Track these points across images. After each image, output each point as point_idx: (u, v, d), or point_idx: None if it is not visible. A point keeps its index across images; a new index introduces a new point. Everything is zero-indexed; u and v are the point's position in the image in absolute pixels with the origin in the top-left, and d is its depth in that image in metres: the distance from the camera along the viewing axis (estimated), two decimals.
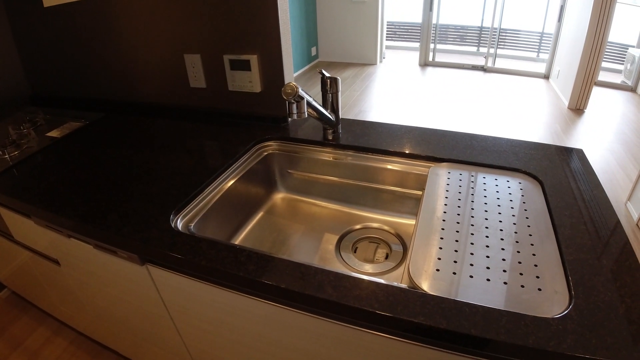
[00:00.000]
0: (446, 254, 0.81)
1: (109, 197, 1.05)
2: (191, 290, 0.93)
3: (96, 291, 1.24)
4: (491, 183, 1.01)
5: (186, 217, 0.99)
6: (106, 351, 1.71)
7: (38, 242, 1.26)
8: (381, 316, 0.68)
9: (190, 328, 1.08)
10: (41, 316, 1.90)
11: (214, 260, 0.81)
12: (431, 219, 0.91)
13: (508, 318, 0.66)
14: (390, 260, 1.06)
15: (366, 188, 1.20)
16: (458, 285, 0.74)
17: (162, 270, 0.94)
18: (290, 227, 1.20)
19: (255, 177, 1.22)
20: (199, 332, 1.07)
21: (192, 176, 1.10)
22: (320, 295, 0.71)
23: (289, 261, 0.79)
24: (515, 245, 0.82)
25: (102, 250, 1.03)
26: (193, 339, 1.12)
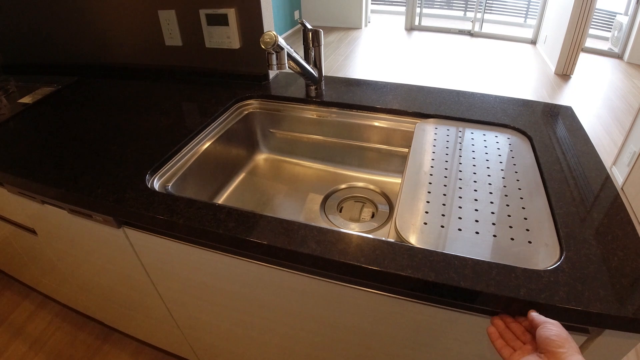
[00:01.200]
0: (434, 207, 0.78)
1: (82, 160, 1.00)
2: (170, 252, 0.90)
3: (76, 261, 1.20)
4: (479, 138, 0.98)
5: (163, 178, 0.94)
6: (91, 322, 1.69)
7: (13, 212, 1.22)
8: (367, 270, 0.65)
9: (173, 292, 1.05)
10: (24, 290, 1.87)
11: (192, 218, 0.77)
12: (418, 173, 0.87)
13: (498, 270, 0.64)
14: (376, 219, 1.04)
15: (351, 146, 1.16)
16: (446, 238, 0.72)
17: (140, 232, 0.90)
18: (274, 187, 1.16)
19: (235, 137, 1.17)
20: (181, 296, 1.04)
21: (169, 136, 1.04)
22: (304, 251, 0.68)
23: (271, 217, 0.76)
24: (504, 199, 0.80)
25: (77, 215, 0.98)
26: (176, 304, 1.09)
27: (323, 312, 0.83)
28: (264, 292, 0.86)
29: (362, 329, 0.82)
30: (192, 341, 1.25)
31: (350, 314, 0.80)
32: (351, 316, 0.80)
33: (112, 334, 1.63)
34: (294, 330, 0.94)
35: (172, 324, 1.20)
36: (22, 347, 1.62)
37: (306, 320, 0.88)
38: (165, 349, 1.45)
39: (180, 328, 1.20)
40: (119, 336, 1.62)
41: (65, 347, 1.61)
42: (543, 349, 0.52)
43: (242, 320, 1.00)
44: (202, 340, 1.21)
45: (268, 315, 0.93)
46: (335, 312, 0.81)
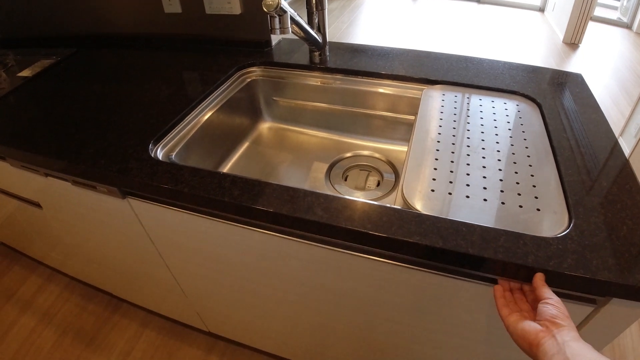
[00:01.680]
0: (441, 174, 0.77)
1: (84, 131, 0.98)
2: (176, 222, 0.90)
3: (82, 233, 1.20)
4: (487, 105, 0.96)
5: (166, 147, 0.93)
6: (100, 293, 1.70)
7: (17, 186, 1.21)
8: (374, 237, 0.65)
9: (179, 262, 1.05)
10: (32, 264, 1.88)
11: (196, 187, 0.76)
12: (425, 139, 0.86)
13: (506, 237, 0.63)
14: (381, 187, 1.03)
15: (356, 114, 1.14)
16: (454, 205, 0.71)
17: (144, 203, 0.90)
18: (278, 156, 1.15)
19: (238, 105, 1.15)
20: (188, 265, 1.05)
21: (171, 105, 1.02)
22: (310, 218, 0.67)
23: (276, 185, 0.75)
24: (512, 166, 0.79)
25: (80, 187, 0.97)
26: (183, 274, 1.10)
27: (328, 281, 0.83)
28: (269, 261, 0.86)
29: (367, 296, 0.83)
30: (199, 310, 1.27)
31: (356, 281, 0.80)
32: (356, 284, 0.80)
33: (121, 304, 1.65)
34: (300, 298, 0.94)
35: (179, 294, 1.21)
36: (31, 320, 1.64)
37: (311, 288, 0.88)
38: (173, 317, 1.47)
39: (188, 297, 1.21)
40: (128, 306, 1.64)
41: (75, 318, 1.63)
42: (542, 317, 0.53)
43: (249, 289, 1.00)
44: (210, 308, 1.22)
45: (274, 283, 0.93)
46: (340, 280, 0.81)
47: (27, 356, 1.52)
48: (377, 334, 0.94)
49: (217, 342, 1.47)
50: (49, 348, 1.54)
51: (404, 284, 0.75)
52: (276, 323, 1.10)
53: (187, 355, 1.45)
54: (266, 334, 1.20)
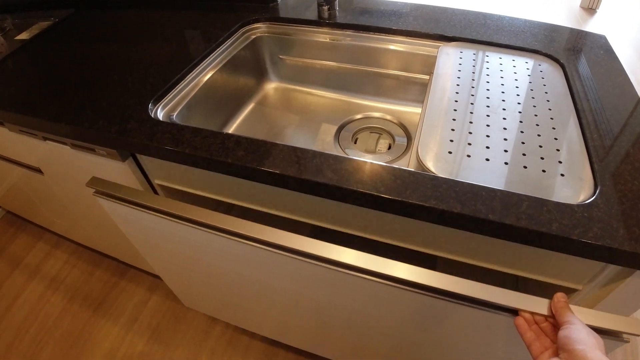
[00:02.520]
0: (459, 135, 0.72)
1: (83, 93, 0.94)
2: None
3: (86, 199, 1.18)
4: (508, 64, 0.90)
5: (167, 107, 0.89)
6: (107, 259, 1.70)
7: (16, 151, 1.18)
8: (388, 200, 0.60)
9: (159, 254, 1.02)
10: (39, 232, 1.88)
11: (198, 147, 0.72)
12: (442, 99, 0.80)
13: (529, 203, 0.59)
14: (392, 151, 0.98)
15: (367, 73, 1.08)
16: (473, 168, 0.66)
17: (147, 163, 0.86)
18: (285, 118, 1.10)
19: (242, 64, 1.10)
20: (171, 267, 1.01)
21: (171, 65, 0.97)
22: (319, 180, 0.63)
23: (283, 145, 0.70)
24: (535, 128, 0.74)
25: (79, 150, 0.94)
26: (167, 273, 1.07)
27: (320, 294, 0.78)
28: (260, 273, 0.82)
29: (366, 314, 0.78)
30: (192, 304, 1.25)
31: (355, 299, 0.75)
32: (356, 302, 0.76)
33: (128, 270, 1.65)
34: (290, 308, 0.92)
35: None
36: (39, 287, 1.65)
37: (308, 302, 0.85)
38: None
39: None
40: (135, 272, 1.64)
41: (82, 284, 1.63)
42: (562, 348, 0.48)
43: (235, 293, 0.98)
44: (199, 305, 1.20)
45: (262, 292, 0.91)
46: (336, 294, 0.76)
47: (36, 322, 1.54)
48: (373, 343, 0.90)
49: None
50: (57, 314, 1.55)
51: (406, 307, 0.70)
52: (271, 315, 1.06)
53: (194, 319, 1.46)
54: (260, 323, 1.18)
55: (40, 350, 1.46)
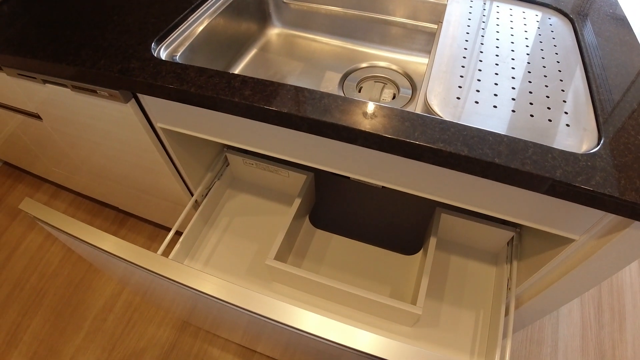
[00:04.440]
0: (468, 82, 0.72)
1: (82, 32, 0.91)
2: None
3: (86, 145, 1.17)
4: (518, 15, 0.89)
5: (170, 48, 0.87)
6: (106, 208, 1.70)
7: (14, 97, 1.15)
8: (396, 141, 0.60)
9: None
10: (37, 182, 1.87)
11: (204, 87, 0.71)
12: (451, 46, 0.79)
13: (535, 149, 0.60)
14: (397, 101, 0.98)
15: (373, 20, 1.05)
16: (480, 114, 0.66)
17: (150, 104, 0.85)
18: (288, 64, 1.08)
19: (246, 7, 1.07)
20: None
21: (172, 4, 0.94)
22: (327, 120, 0.63)
23: (290, 85, 0.69)
24: (542, 79, 0.74)
25: (80, 92, 0.92)
26: None
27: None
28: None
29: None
30: None
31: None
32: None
33: (128, 219, 1.66)
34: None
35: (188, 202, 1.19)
36: (38, 237, 1.66)
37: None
38: (181, 230, 1.46)
39: None
40: (135, 221, 1.65)
41: None
42: None
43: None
44: None
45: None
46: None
47: (37, 271, 1.55)
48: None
49: None
50: (57, 262, 1.56)
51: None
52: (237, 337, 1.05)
53: None
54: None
55: (41, 299, 1.48)
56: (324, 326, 0.54)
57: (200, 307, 0.74)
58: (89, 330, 1.38)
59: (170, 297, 0.79)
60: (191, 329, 1.33)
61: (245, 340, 1.08)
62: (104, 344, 1.34)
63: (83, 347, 1.35)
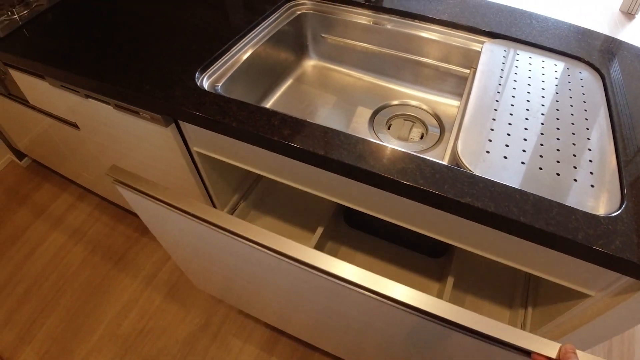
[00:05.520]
0: (498, 136, 0.74)
1: (128, 53, 0.95)
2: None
3: (118, 156, 1.21)
4: (550, 68, 0.91)
5: (212, 77, 0.90)
6: (130, 215, 1.74)
7: (55, 106, 1.20)
8: (426, 193, 0.63)
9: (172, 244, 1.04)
10: (64, 183, 1.91)
11: (245, 122, 0.74)
12: (483, 97, 0.82)
13: (559, 210, 0.61)
14: (425, 140, 1.00)
15: (407, 60, 1.08)
16: (508, 170, 0.68)
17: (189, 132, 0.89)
18: (322, 97, 1.11)
19: (285, 39, 1.11)
20: (183, 254, 1.04)
21: (217, 33, 0.99)
22: (361, 166, 0.65)
23: (327, 128, 0.72)
24: (570, 137, 0.75)
25: (122, 111, 0.96)
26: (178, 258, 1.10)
27: (321, 301, 0.78)
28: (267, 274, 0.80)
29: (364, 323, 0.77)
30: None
31: (353, 311, 0.74)
32: (355, 312, 0.75)
33: None
34: (292, 309, 0.94)
35: None
36: (61, 237, 1.70)
37: (308, 305, 0.85)
38: None
39: None
40: None
41: (104, 237, 1.68)
42: None
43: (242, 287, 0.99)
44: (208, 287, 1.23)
45: (265, 291, 0.92)
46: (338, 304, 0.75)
47: (56, 270, 1.59)
48: (368, 347, 0.90)
49: None
50: (78, 264, 1.60)
51: (411, 329, 0.68)
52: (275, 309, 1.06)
53: None
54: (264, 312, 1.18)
55: (58, 297, 1.51)
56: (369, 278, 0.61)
57: (248, 267, 0.82)
58: (103, 334, 1.41)
59: (221, 256, 0.85)
60: (204, 341, 1.35)
61: (277, 317, 1.12)
62: (117, 349, 1.37)
63: (96, 349, 1.38)
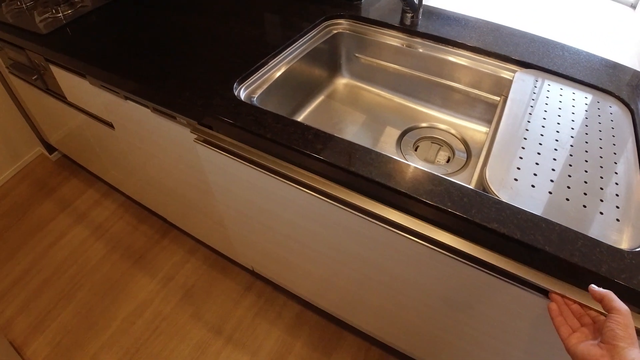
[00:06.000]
0: (526, 165, 0.75)
1: (168, 60, 0.99)
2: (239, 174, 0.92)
3: (149, 157, 1.24)
4: (581, 101, 0.91)
5: (249, 89, 0.94)
6: (153, 216, 1.77)
7: (92, 104, 1.25)
8: (454, 215, 0.64)
9: (233, 203, 1.08)
10: (91, 179, 1.96)
11: (279, 134, 0.77)
12: (513, 126, 0.83)
13: (584, 242, 0.62)
14: (451, 164, 1.01)
15: (437, 84, 1.10)
16: (535, 199, 0.69)
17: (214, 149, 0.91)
18: (351, 115, 1.14)
19: (320, 56, 1.14)
20: (238, 215, 1.08)
21: (256, 46, 1.02)
22: (391, 185, 0.67)
23: (358, 145, 0.74)
24: (598, 170, 0.76)
25: (160, 115, 1.00)
26: (233, 221, 1.13)
27: (372, 256, 0.84)
28: (320, 227, 0.88)
29: (406, 278, 0.83)
30: (241, 255, 1.32)
31: (399, 261, 0.80)
32: (399, 264, 0.81)
33: (171, 230, 1.71)
34: (337, 265, 0.97)
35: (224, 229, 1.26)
36: (84, 232, 1.74)
37: (351, 259, 0.90)
38: (220, 250, 1.52)
39: (230, 233, 1.26)
40: (177, 233, 1.70)
41: (126, 236, 1.71)
42: (604, 339, 0.50)
43: (291, 248, 1.03)
44: (248, 255, 1.27)
45: (316, 247, 0.96)
46: (384, 255, 0.82)
47: (76, 264, 1.62)
48: (406, 313, 0.95)
49: (256, 282, 1.52)
50: (97, 259, 1.63)
51: (449, 274, 0.74)
52: (309, 281, 1.14)
53: (227, 288, 1.51)
54: (300, 286, 1.25)
55: (76, 290, 1.54)
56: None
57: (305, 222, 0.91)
58: (116, 330, 1.43)
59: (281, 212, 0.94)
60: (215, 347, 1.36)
61: (313, 286, 1.16)
62: (128, 346, 1.39)
63: (107, 345, 1.40)
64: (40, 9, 1.35)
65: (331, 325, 1.39)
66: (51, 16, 1.28)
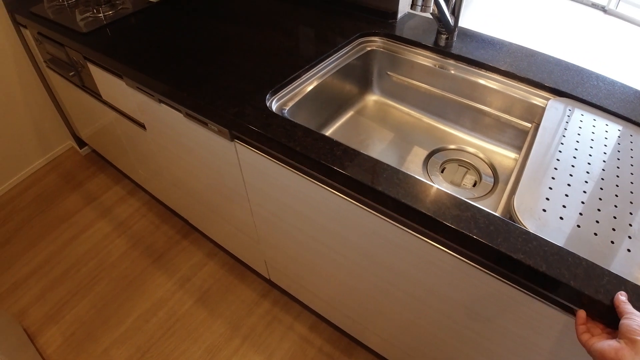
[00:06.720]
0: (556, 196, 0.73)
1: (203, 67, 1.01)
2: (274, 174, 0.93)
3: (177, 159, 1.26)
4: (614, 133, 0.90)
5: (281, 101, 0.95)
6: (175, 217, 1.80)
7: (126, 104, 1.28)
8: (479, 243, 0.63)
9: (263, 211, 1.10)
10: (118, 176, 2.00)
11: (308, 148, 0.78)
12: (544, 154, 0.82)
13: (610, 279, 0.60)
14: (477, 189, 1.00)
15: (468, 107, 1.10)
16: (563, 231, 0.68)
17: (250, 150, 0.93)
18: (379, 132, 1.14)
19: (352, 72, 1.14)
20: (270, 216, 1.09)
21: (290, 59, 1.04)
22: (418, 207, 0.67)
23: (386, 165, 0.75)
24: (629, 206, 0.74)
25: (192, 120, 1.02)
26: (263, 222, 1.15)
27: (399, 263, 0.84)
28: (350, 232, 0.88)
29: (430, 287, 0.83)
30: (267, 258, 1.32)
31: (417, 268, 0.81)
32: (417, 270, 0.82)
33: (192, 232, 1.74)
34: (362, 271, 0.96)
35: (253, 237, 1.26)
36: (107, 227, 1.78)
37: (378, 265, 0.90)
38: (238, 256, 1.54)
39: (259, 243, 1.26)
40: (198, 236, 1.72)
41: (148, 234, 1.74)
42: (623, 336, 0.52)
43: (319, 252, 1.03)
44: (276, 259, 1.27)
45: (344, 252, 0.96)
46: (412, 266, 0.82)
47: (97, 257, 1.66)
48: (423, 322, 0.94)
49: (272, 290, 1.53)
50: (118, 255, 1.67)
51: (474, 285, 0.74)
52: (332, 287, 1.13)
53: (242, 294, 1.53)
54: (319, 295, 1.24)
55: (93, 284, 1.58)
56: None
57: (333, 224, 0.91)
58: (130, 327, 1.45)
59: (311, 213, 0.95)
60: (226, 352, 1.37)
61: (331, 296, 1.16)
62: (140, 344, 1.41)
63: (120, 341, 1.42)
64: (82, 7, 1.39)
65: (344, 339, 1.38)
66: (92, 15, 1.32)
